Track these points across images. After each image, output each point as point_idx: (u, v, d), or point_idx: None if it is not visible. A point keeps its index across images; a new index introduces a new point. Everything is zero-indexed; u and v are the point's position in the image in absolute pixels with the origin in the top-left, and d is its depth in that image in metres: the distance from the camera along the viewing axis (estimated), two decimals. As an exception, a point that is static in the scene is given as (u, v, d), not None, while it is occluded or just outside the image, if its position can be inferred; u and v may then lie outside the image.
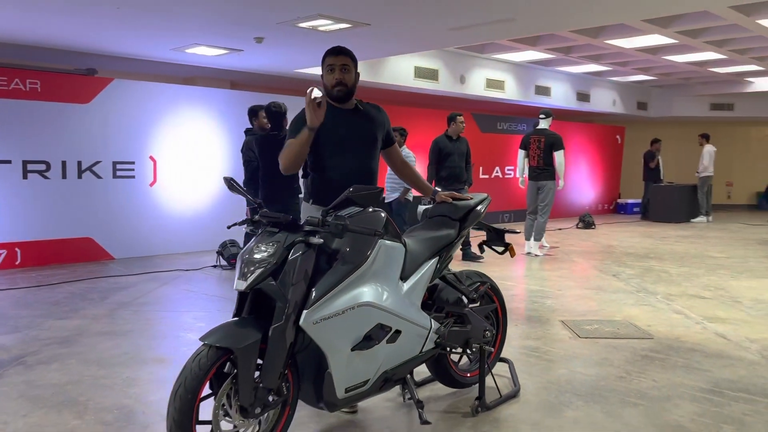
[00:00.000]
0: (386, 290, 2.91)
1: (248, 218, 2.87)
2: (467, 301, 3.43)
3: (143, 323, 5.17)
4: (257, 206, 2.86)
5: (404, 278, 3.07)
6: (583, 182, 15.23)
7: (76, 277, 7.11)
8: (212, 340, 2.52)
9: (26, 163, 7.63)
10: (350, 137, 3.24)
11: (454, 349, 3.40)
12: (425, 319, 3.12)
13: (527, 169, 9.01)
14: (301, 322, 2.61)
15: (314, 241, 2.66)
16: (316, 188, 3.26)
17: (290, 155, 3.08)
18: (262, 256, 2.63)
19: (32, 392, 3.62)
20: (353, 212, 2.85)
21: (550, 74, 13.60)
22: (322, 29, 6.56)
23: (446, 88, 11.62)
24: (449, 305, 3.34)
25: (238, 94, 9.60)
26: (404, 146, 8.00)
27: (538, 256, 8.78)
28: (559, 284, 6.85)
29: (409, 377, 3.10)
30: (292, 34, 6.86)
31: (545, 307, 5.78)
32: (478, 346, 3.41)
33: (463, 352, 3.60)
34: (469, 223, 3.43)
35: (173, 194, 8.85)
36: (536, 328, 5.04)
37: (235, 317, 2.71)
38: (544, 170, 8.77)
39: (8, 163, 7.51)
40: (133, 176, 8.48)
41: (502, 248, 3.71)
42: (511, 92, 12.86)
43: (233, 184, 2.94)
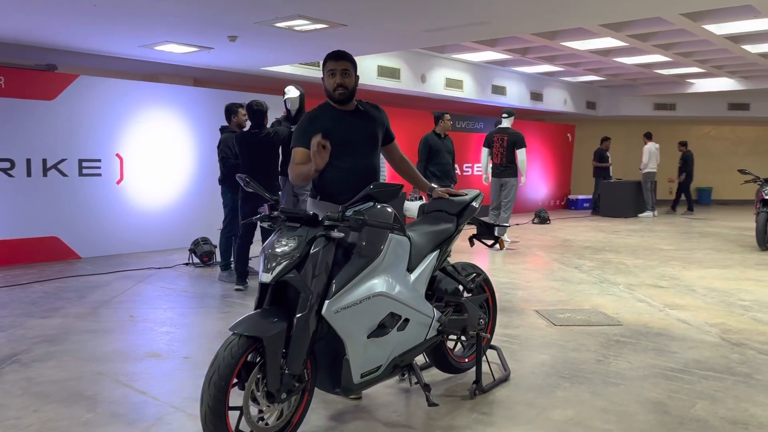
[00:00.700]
0: (396, 281, 3.10)
1: (266, 214, 3.00)
2: (464, 291, 3.65)
3: (127, 320, 5.20)
4: (274, 203, 3.00)
5: (410, 270, 3.27)
6: (536, 179, 15.73)
7: (46, 276, 7.02)
8: (242, 329, 2.65)
9: (-10, 160, 7.48)
10: (352, 138, 3.39)
11: (454, 336, 3.60)
12: (429, 308, 3.32)
13: (490, 166, 9.32)
14: (323, 311, 2.76)
15: (335, 235, 2.81)
16: (323, 186, 3.41)
17: (299, 178, 3.33)
18: (285, 249, 2.77)
19: (35, 389, 3.65)
20: (364, 208, 3.02)
21: (506, 74, 14.01)
22: (298, 29, 6.67)
23: (408, 87, 11.85)
24: (448, 295, 3.54)
25: (204, 91, 9.58)
26: None
27: (501, 250, 9.10)
28: (526, 277, 7.16)
29: (414, 363, 3.30)
30: (267, 33, 6.95)
31: (518, 298, 6.07)
32: (473, 333, 3.63)
33: (457, 339, 3.82)
34: (465, 217, 3.64)
35: (140, 192, 8.78)
36: (513, 317, 5.31)
37: (256, 309, 2.85)
38: (507, 167, 9.10)
39: (-29, 161, 7.34)
40: (99, 174, 8.38)
41: (491, 241, 3.94)
42: (469, 91, 13.19)
43: (249, 181, 3.07)
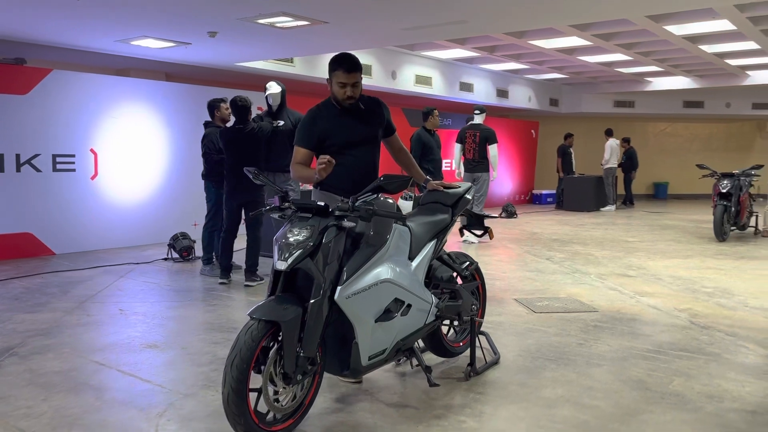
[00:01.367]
0: (400, 269, 3.27)
1: (276, 205, 3.12)
2: (457, 278, 3.84)
3: (117, 314, 5.24)
4: (284, 194, 3.13)
5: (411, 258, 3.44)
6: (503, 174, 16.07)
7: (23, 272, 6.96)
8: (260, 314, 2.78)
9: (-38, 156, 7.36)
10: (353, 136, 3.61)
11: (450, 321, 3.79)
12: (428, 294, 3.50)
13: (463, 161, 9.56)
14: (336, 297, 2.92)
15: (347, 224, 2.97)
16: (326, 178, 3.56)
17: (300, 179, 3.81)
18: (298, 239, 2.91)
19: (40, 380, 3.70)
20: (369, 199, 3.17)
21: (473, 71, 14.28)
22: (279, 26, 6.76)
23: (379, 83, 12.00)
24: (444, 282, 3.73)
25: (178, 86, 9.56)
26: None
27: (473, 243, 9.35)
28: (501, 268, 7.41)
29: (415, 346, 3.47)
30: (247, 29, 7.01)
31: (496, 287, 6.30)
32: (466, 318, 3.83)
33: (450, 324, 4.01)
34: (459, 208, 3.83)
35: (115, 188, 8.74)
36: (495, 306, 5.53)
37: (270, 296, 2.98)
38: (479, 163, 9.35)
39: (-57, 156, 7.21)
40: (73, 169, 8.31)
41: (481, 231, 4.14)
42: (438, 88, 13.41)
43: (258, 173, 3.20)
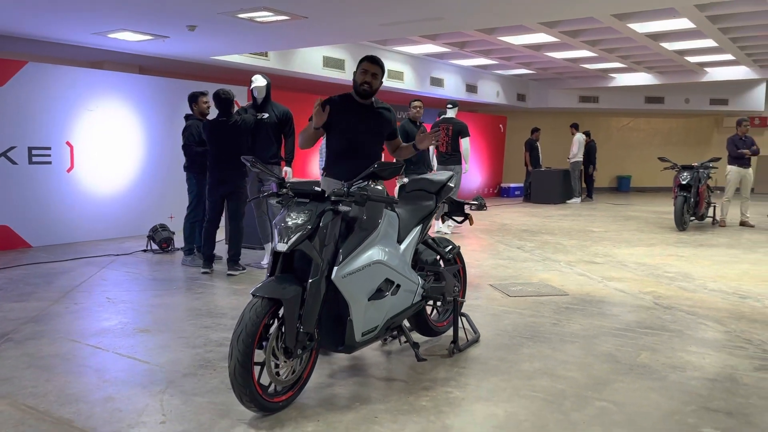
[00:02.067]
0: (390, 251, 3.48)
1: (274, 191, 3.31)
2: (441, 261, 4.07)
3: (105, 302, 5.34)
4: (281, 181, 3.31)
5: (399, 242, 3.66)
6: (472, 167, 16.39)
7: (2, 264, 6.97)
8: (263, 292, 2.97)
9: (-63, 148, 7.32)
10: (360, 127, 3.98)
11: (434, 301, 4.02)
12: (415, 276, 3.72)
13: (435, 154, 9.81)
14: (332, 276, 3.12)
15: (343, 209, 3.17)
16: (330, 164, 4.01)
17: (302, 140, 4.01)
18: (297, 222, 3.10)
19: (39, 363, 3.82)
20: (362, 185, 3.37)
21: (444, 67, 14.55)
22: (259, 20, 6.89)
23: (351, 77, 12.16)
24: (429, 265, 3.96)
25: (154, 79, 9.60)
26: None
27: (447, 234, 9.61)
28: (475, 257, 7.68)
29: (403, 324, 3.69)
30: (227, 23, 7.12)
31: (472, 274, 6.56)
32: (449, 299, 4.06)
33: (434, 305, 4.24)
34: (443, 195, 4.06)
35: (92, 180, 8.76)
36: (472, 291, 5.78)
37: (269, 276, 3.17)
38: (452, 155, 9.61)
39: None
40: (49, 162, 8.31)
41: (462, 218, 4.38)
42: (409, 83, 13.65)
43: (254, 162, 3.38)
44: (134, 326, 4.63)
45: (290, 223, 3.11)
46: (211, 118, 6.55)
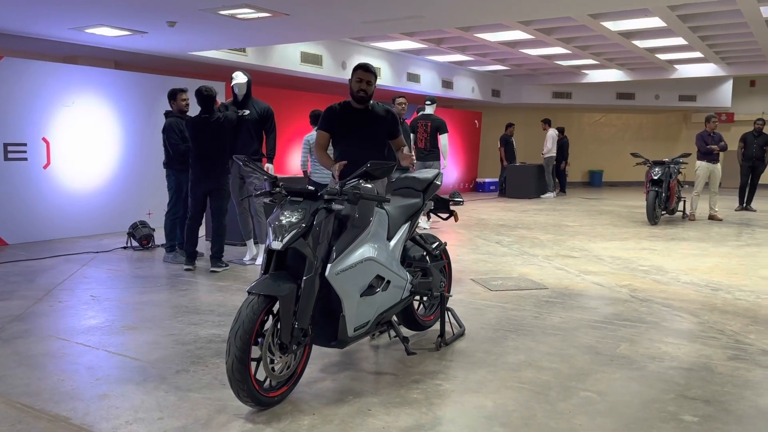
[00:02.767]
0: (381, 248, 3.56)
1: (267, 190, 3.36)
2: (428, 257, 4.17)
3: (90, 300, 5.33)
4: (274, 180, 3.37)
5: (389, 239, 3.74)
6: (448, 163, 16.53)
7: (-20, 262, 6.90)
8: (259, 289, 3.03)
9: None
10: (360, 131, 4.44)
11: (421, 297, 4.12)
12: (404, 272, 3.81)
13: (414, 151, 9.90)
14: (326, 273, 3.19)
15: (336, 207, 3.24)
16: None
17: (321, 162, 4.45)
18: (291, 221, 3.16)
19: (29, 361, 3.82)
20: (353, 184, 3.45)
21: (420, 63, 14.65)
22: (240, 17, 6.89)
23: (329, 73, 12.21)
24: (416, 261, 4.05)
25: (131, 75, 9.51)
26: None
27: (426, 229, 9.73)
28: (455, 251, 7.80)
29: (393, 319, 3.78)
30: (207, 19, 7.11)
31: (453, 269, 6.65)
32: (436, 294, 4.16)
33: (420, 300, 4.34)
34: (430, 193, 4.15)
35: (69, 176, 8.67)
36: (454, 286, 5.90)
37: (263, 274, 3.22)
38: (430, 152, 9.71)
39: None
40: (25, 158, 8.21)
41: (447, 215, 4.47)
42: (386, 78, 13.71)
43: (246, 161, 3.43)
44: (121, 324, 4.64)
45: (284, 221, 3.17)
46: (192, 114, 6.55)
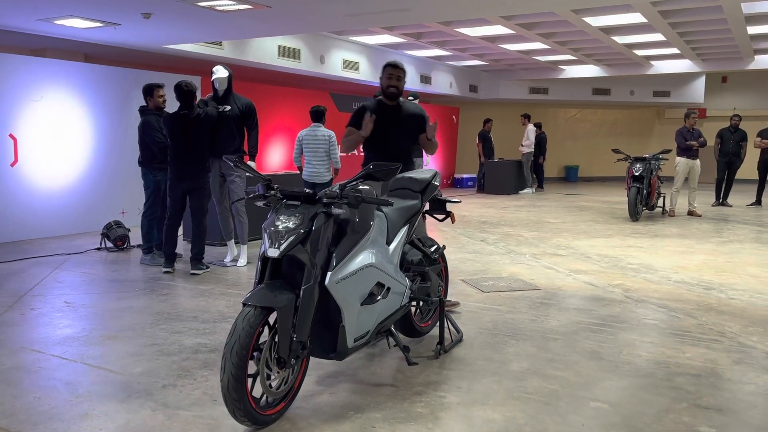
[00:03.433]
0: (380, 254, 3.38)
1: (261, 193, 3.14)
2: (427, 261, 3.99)
3: (64, 307, 5.05)
4: (268, 182, 3.16)
5: (388, 243, 3.55)
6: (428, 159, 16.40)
7: (-57, 266, 6.53)
8: (255, 301, 2.82)
9: None
10: (391, 126, 4.52)
11: (418, 302, 3.95)
12: (404, 278, 3.63)
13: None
14: (326, 282, 2.99)
15: (336, 212, 3.04)
16: (368, 161, 4.45)
17: (349, 145, 4.58)
18: (288, 226, 2.96)
19: (3, 376, 3.55)
20: (352, 187, 3.25)
21: (399, 57, 14.44)
22: (219, 9, 6.62)
23: (307, 67, 11.94)
24: (415, 265, 3.87)
25: (102, 68, 9.15)
26: (321, 126, 7.74)
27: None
28: (441, 250, 7.64)
29: (392, 328, 3.60)
30: (185, 11, 6.82)
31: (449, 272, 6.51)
32: (435, 299, 3.99)
33: (417, 306, 4.17)
34: (428, 194, 3.97)
35: (38, 175, 8.30)
36: (445, 287, 5.74)
37: (258, 283, 3.01)
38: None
39: None
40: (-9, 156, 7.83)
41: (443, 216, 4.30)
42: (365, 73, 13.50)
43: (238, 162, 3.21)
44: (100, 333, 4.38)
45: (281, 227, 2.96)
46: (170, 110, 6.27)
